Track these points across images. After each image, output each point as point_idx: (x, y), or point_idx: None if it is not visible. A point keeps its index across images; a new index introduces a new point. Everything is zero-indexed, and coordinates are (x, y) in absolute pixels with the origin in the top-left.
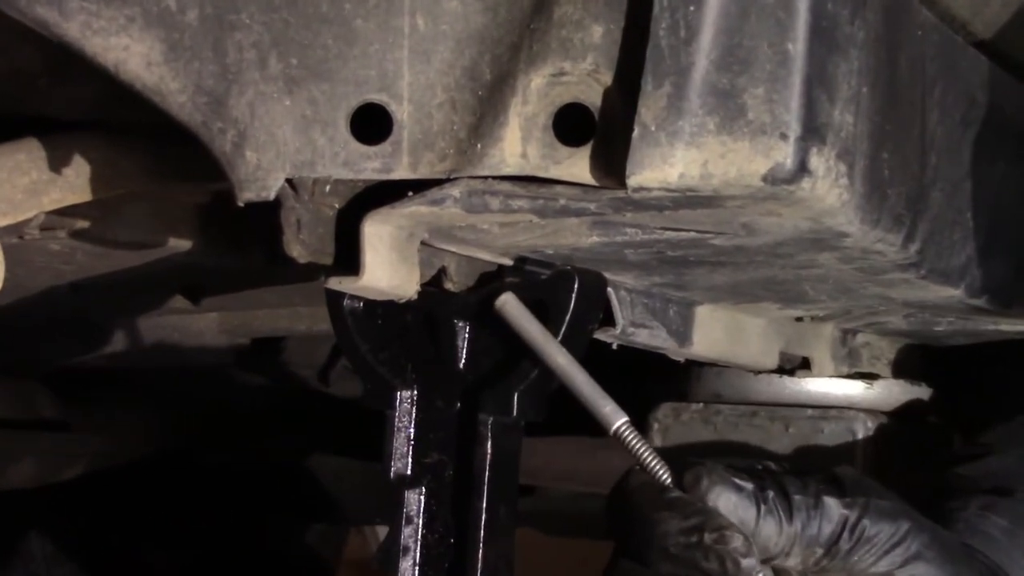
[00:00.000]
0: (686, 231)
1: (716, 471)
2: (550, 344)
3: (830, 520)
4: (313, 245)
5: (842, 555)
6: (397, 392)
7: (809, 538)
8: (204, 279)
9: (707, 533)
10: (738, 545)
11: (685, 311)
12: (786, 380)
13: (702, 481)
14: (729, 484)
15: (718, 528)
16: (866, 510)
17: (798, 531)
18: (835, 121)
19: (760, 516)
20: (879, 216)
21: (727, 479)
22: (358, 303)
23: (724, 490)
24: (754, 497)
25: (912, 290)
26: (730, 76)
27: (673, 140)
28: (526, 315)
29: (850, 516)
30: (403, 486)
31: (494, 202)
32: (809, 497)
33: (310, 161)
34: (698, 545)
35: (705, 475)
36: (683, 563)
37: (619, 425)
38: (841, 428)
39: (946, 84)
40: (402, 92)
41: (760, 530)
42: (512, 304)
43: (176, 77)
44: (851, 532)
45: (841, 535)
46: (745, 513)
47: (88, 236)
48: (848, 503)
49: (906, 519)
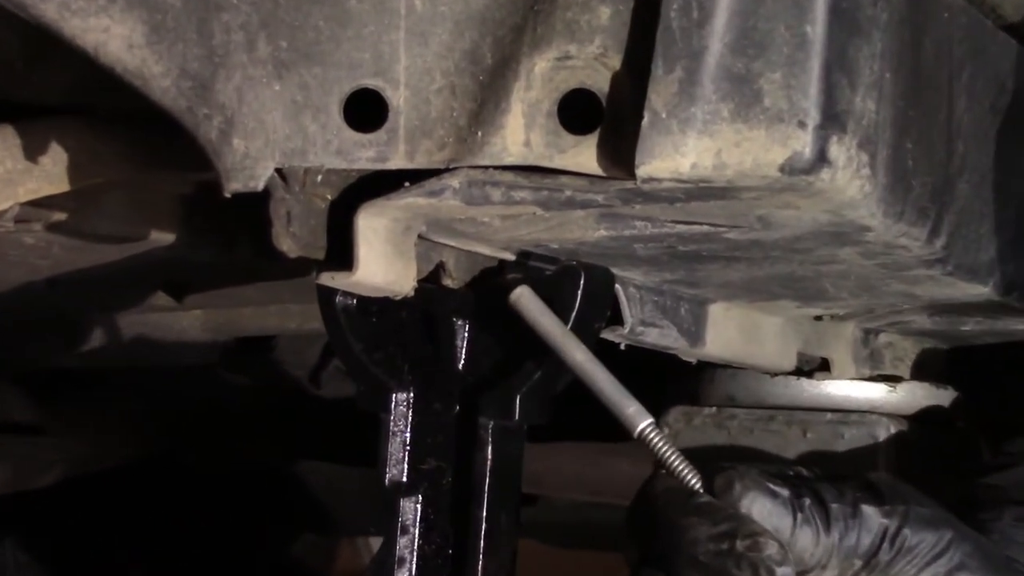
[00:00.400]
0: (698, 224)
1: (749, 475)
2: (569, 340)
3: (869, 530)
4: (304, 238)
5: (882, 567)
6: (392, 394)
7: (847, 549)
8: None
9: (739, 540)
10: (772, 553)
11: (697, 309)
12: (804, 382)
13: (734, 486)
14: (764, 490)
15: (751, 535)
16: (906, 519)
17: (836, 542)
18: (856, 108)
19: (796, 525)
20: (903, 208)
21: (762, 484)
22: (351, 300)
23: (758, 496)
24: (790, 504)
25: (938, 287)
26: (745, 60)
27: (685, 128)
28: (543, 309)
29: (890, 526)
30: (398, 494)
31: (495, 193)
32: (847, 506)
33: (301, 149)
34: (729, 552)
35: (737, 480)
36: (713, 572)
37: (644, 427)
38: (862, 433)
39: (974, 69)
40: (398, 76)
41: (796, 540)
42: (528, 298)
43: (159, 60)
44: (891, 542)
45: (881, 546)
46: (780, 521)
47: (65, 229)
48: (887, 511)
49: (948, 528)
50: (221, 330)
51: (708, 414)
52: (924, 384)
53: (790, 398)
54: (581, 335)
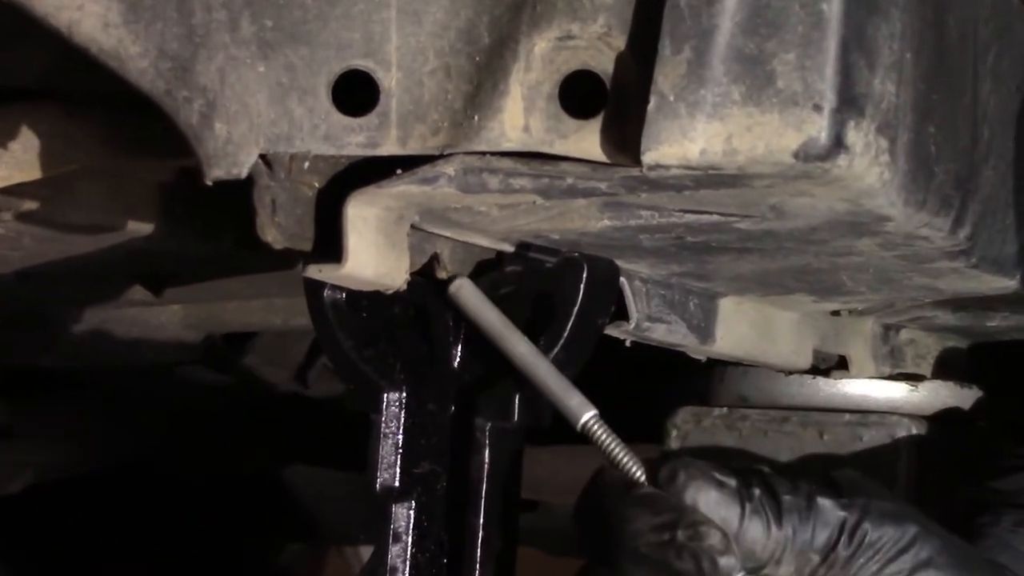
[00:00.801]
0: (708, 214)
1: (694, 466)
2: (510, 332)
3: (826, 524)
4: (290, 229)
5: (841, 563)
6: (384, 394)
7: (803, 543)
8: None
9: (681, 530)
10: (715, 543)
11: (707, 304)
12: (820, 381)
13: (678, 476)
14: (709, 479)
15: (692, 524)
16: (866, 512)
17: (789, 536)
18: (875, 90)
19: (745, 516)
20: (924, 197)
21: (707, 474)
22: (340, 294)
23: (703, 486)
24: (737, 495)
25: (961, 280)
26: (757, 40)
27: (694, 112)
28: (483, 301)
29: (848, 519)
30: (390, 499)
31: (493, 181)
32: (800, 498)
33: (287, 134)
34: (671, 543)
35: (682, 470)
36: (654, 565)
37: (587, 419)
38: (882, 435)
39: (1000, 49)
40: (390, 57)
41: (745, 532)
42: (468, 289)
43: (136, 40)
44: (850, 536)
45: (839, 540)
46: (727, 512)
47: (37, 218)
48: (845, 504)
49: (912, 523)
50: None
51: (718, 415)
52: (947, 383)
53: (805, 398)
54: (584, 332)
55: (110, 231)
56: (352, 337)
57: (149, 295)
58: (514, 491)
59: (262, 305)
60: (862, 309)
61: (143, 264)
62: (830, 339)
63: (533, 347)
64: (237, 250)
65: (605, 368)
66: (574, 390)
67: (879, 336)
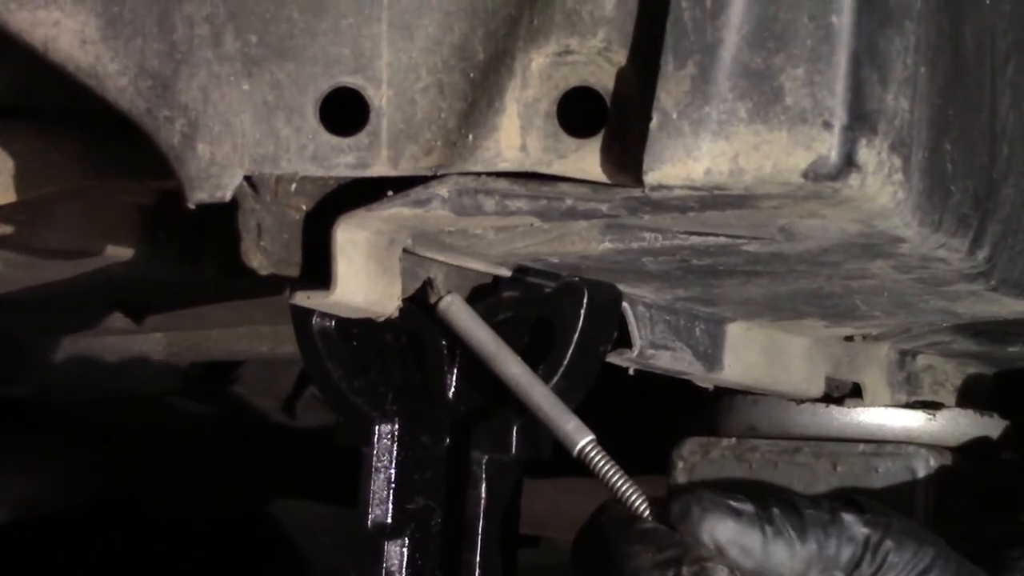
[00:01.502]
0: (714, 236)
1: (707, 498)
2: (503, 352)
3: (851, 539)
4: (277, 254)
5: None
6: (375, 426)
7: (828, 559)
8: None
9: (686, 567)
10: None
11: (714, 330)
12: (834, 410)
13: (692, 511)
14: (724, 509)
15: (698, 560)
16: (888, 530)
17: (814, 552)
18: (888, 106)
19: (767, 539)
20: (941, 217)
21: (722, 504)
22: (329, 321)
23: (720, 517)
24: (756, 519)
25: (981, 304)
26: (764, 54)
27: (698, 130)
28: (475, 319)
29: (872, 535)
30: (383, 536)
31: (488, 203)
32: (823, 512)
33: (273, 155)
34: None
35: (695, 504)
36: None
37: (584, 444)
38: (899, 466)
39: (1020, 61)
40: (380, 74)
41: (770, 556)
42: (458, 307)
43: (115, 57)
44: (873, 554)
45: (863, 557)
46: (748, 539)
47: (12, 243)
48: (869, 520)
49: (931, 545)
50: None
51: (727, 446)
52: (967, 411)
53: (818, 427)
54: (585, 359)
55: (88, 256)
56: (342, 366)
57: (130, 322)
58: (512, 527)
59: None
60: (877, 334)
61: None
62: (843, 366)
63: (528, 369)
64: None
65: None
66: (570, 414)
67: (895, 362)
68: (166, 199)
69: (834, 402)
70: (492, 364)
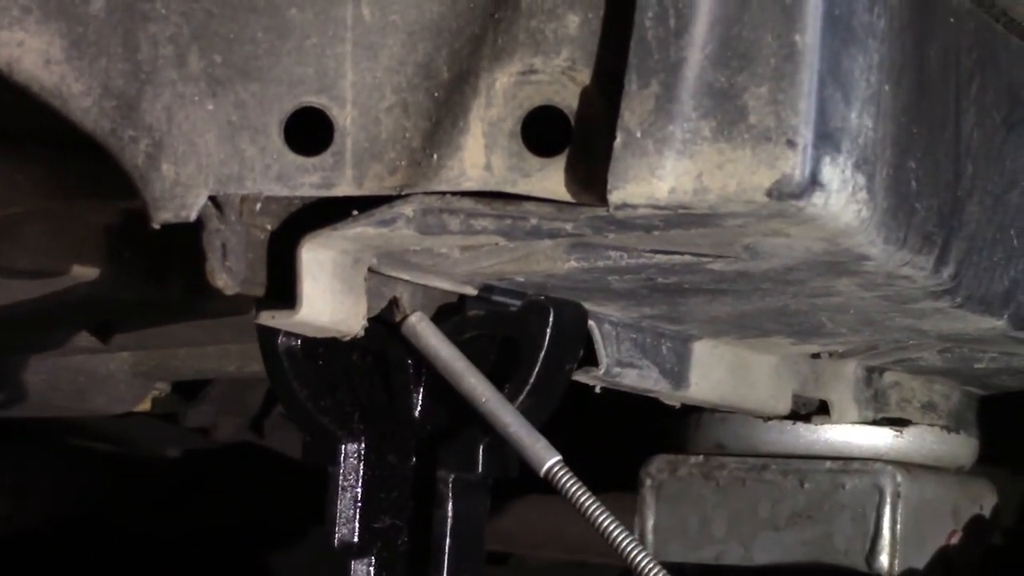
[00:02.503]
0: (679, 254)
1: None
2: (469, 372)
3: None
4: (242, 273)
5: None
6: (342, 445)
7: None
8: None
9: None
10: None
11: (681, 348)
12: (801, 428)
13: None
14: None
15: None
16: None
17: None
18: (852, 125)
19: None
20: (905, 235)
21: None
22: (295, 341)
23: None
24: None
25: (946, 321)
26: (728, 73)
27: (662, 148)
28: (440, 338)
29: None
30: (349, 555)
31: (453, 222)
32: None
33: (237, 175)
34: None
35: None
36: None
37: (551, 464)
38: (865, 483)
39: (984, 79)
40: (344, 94)
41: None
42: (424, 325)
43: (80, 77)
44: None
45: None
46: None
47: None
48: None
49: None
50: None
51: (695, 463)
52: (934, 428)
53: (785, 445)
54: (551, 378)
55: (55, 275)
56: (308, 386)
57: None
58: (479, 545)
59: (215, 352)
60: (843, 351)
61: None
62: (810, 383)
63: (494, 389)
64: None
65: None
66: (537, 434)
67: (862, 379)
68: (132, 219)
69: (801, 419)
70: (458, 383)
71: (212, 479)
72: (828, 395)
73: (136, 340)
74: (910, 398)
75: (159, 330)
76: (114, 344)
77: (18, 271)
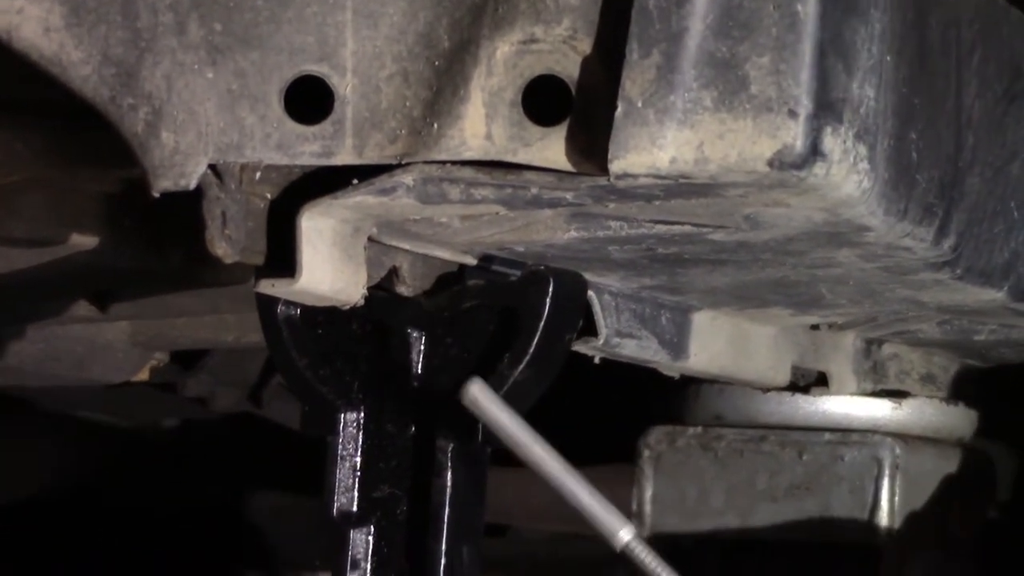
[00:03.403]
0: (680, 225)
1: None
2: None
3: None
4: (241, 242)
5: None
6: (341, 415)
7: None
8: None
9: None
10: None
11: (680, 318)
12: (799, 399)
13: None
14: None
15: None
16: None
17: None
18: (853, 95)
19: None
20: (906, 206)
21: None
22: (294, 310)
23: None
24: None
25: (946, 292)
26: (729, 43)
27: (663, 118)
28: (503, 409)
29: None
30: (348, 525)
31: (453, 191)
32: None
33: (237, 144)
34: None
35: None
36: None
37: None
38: (864, 455)
39: (986, 51)
40: (345, 62)
41: None
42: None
43: (79, 45)
44: None
45: None
46: None
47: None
48: None
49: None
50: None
51: (693, 434)
52: (933, 400)
53: (784, 416)
54: (551, 349)
55: (53, 244)
56: (307, 355)
57: (95, 311)
58: (478, 516)
59: (214, 321)
60: (843, 323)
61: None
62: (809, 354)
63: (562, 459)
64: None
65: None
66: (610, 506)
67: (861, 351)
68: (131, 187)
69: (800, 391)
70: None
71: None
72: (827, 366)
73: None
74: (909, 370)
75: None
76: (113, 313)
77: (16, 240)
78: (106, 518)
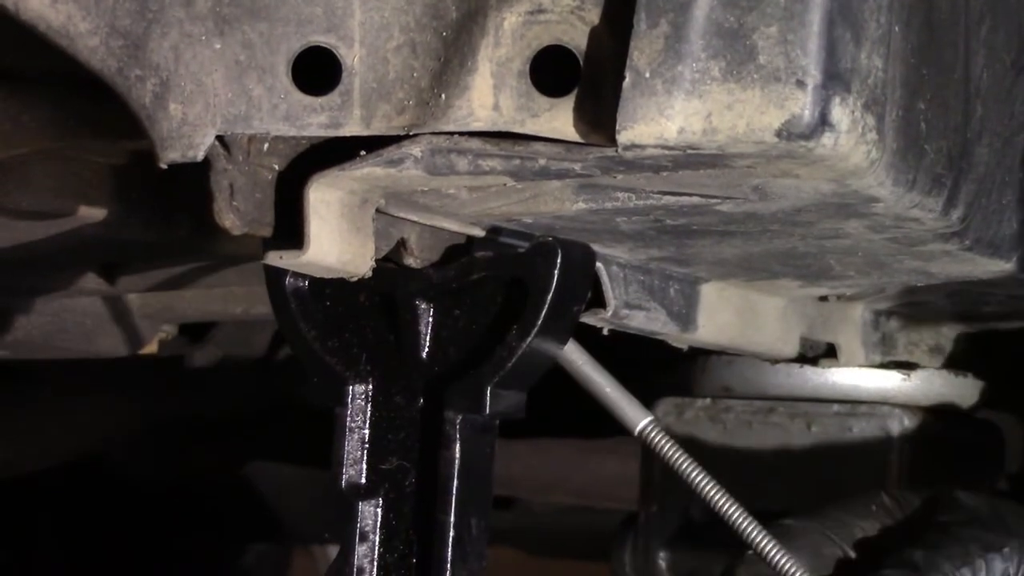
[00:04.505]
0: (688, 196)
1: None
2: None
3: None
4: (249, 214)
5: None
6: (349, 386)
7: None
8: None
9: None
10: None
11: (688, 290)
12: (808, 371)
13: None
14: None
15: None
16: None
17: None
18: (861, 65)
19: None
20: (915, 176)
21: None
22: (303, 282)
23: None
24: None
25: (955, 264)
26: (738, 13)
27: (671, 88)
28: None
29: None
30: (356, 497)
31: (461, 162)
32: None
33: (245, 115)
34: None
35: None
36: None
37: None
38: (873, 426)
39: (994, 21)
40: (353, 33)
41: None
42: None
43: (86, 16)
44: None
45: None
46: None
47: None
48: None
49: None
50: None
51: (701, 406)
52: (942, 372)
53: (792, 388)
54: (559, 319)
55: (61, 217)
56: (315, 327)
57: (103, 283)
58: (486, 488)
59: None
60: (851, 294)
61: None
62: (818, 326)
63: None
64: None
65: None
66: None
67: (869, 323)
68: (139, 159)
69: (808, 362)
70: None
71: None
72: (836, 338)
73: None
74: (917, 341)
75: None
76: (121, 286)
77: (24, 212)
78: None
